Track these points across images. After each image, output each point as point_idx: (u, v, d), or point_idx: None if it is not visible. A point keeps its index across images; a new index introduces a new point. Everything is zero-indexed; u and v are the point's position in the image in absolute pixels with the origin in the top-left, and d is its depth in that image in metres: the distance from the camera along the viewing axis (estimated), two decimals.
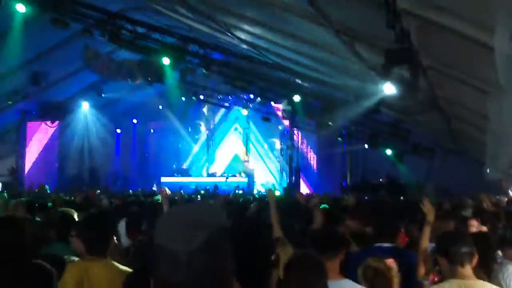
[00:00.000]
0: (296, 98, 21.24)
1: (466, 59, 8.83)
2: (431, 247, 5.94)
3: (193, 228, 1.68)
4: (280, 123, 31.82)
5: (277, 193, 24.06)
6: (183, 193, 16.86)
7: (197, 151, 35.00)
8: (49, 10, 15.79)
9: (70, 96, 28.87)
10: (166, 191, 7.22)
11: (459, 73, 9.65)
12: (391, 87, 8.28)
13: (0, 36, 19.85)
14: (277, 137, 33.52)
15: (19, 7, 15.81)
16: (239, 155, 34.24)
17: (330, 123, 24.32)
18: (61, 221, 5.91)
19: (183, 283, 1.66)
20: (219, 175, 32.86)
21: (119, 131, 33.21)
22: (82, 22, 16.80)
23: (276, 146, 33.78)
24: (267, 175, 33.59)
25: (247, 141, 33.84)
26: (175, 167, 33.63)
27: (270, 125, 30.79)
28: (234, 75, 19.07)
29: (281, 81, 20.03)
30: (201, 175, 33.40)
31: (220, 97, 28.85)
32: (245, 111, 29.30)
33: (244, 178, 32.11)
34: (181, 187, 29.40)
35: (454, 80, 10.19)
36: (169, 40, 17.84)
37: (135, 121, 33.09)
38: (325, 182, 28.25)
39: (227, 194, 20.38)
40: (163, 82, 22.03)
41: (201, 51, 17.96)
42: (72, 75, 25.37)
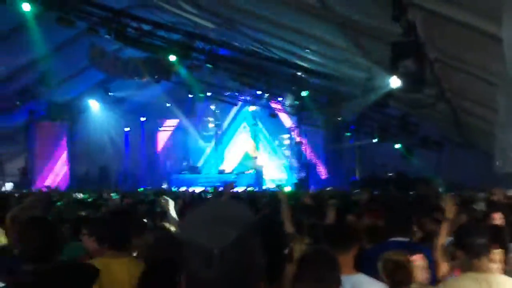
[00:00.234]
0: (303, 93, 21.18)
1: (474, 51, 8.74)
2: (448, 242, 5.90)
3: (225, 224, 1.69)
4: (288, 119, 31.76)
5: (288, 188, 24.02)
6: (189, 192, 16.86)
7: (210, 149, 34.94)
8: (54, 8, 15.78)
9: (77, 95, 28.95)
10: (167, 202, 6.43)
11: (467, 66, 9.57)
12: (397, 81, 8.19)
13: (7, 36, 19.93)
14: (286, 133, 33.44)
15: (24, 6, 15.84)
16: (249, 152, 34.18)
17: (338, 118, 24.24)
18: (76, 220, 5.95)
19: (215, 278, 1.67)
20: (228, 173, 32.83)
21: (127, 129, 33.21)
22: (87, 20, 16.80)
23: (284, 142, 33.71)
24: (277, 171, 33.51)
25: (256, 138, 33.78)
26: (186, 165, 33.58)
27: (278, 121, 30.68)
28: (240, 71, 19.02)
29: (287, 77, 19.96)
30: (211, 173, 33.32)
31: (227, 94, 28.81)
32: (252, 107, 29.23)
33: (252, 173, 32.15)
34: (191, 185, 29.52)
35: (462, 72, 10.11)
36: (175, 37, 17.81)
37: (143, 119, 33.04)
38: (334, 177, 28.12)
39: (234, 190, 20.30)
40: (170, 79, 22.02)
41: (207, 48, 17.92)
42: (78, 74, 25.43)
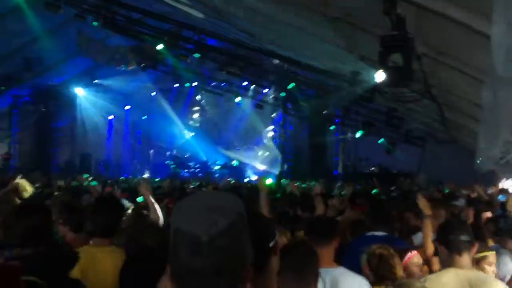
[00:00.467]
0: (289, 85, 21.20)
1: (461, 47, 8.82)
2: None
3: (215, 213, 1.68)
4: (273, 111, 31.77)
5: (269, 181, 24.06)
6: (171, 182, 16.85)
7: (192, 138, 34.82)
8: None
9: (62, 81, 28.74)
10: (145, 185, 6.27)
11: (454, 61, 9.65)
12: (383, 75, 8.24)
13: None
14: (270, 125, 33.47)
15: None
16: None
17: (323, 111, 24.31)
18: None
19: (202, 268, 1.65)
20: (211, 163, 32.86)
21: (111, 117, 33.09)
22: (76, 6, 16.67)
23: (268, 134, 33.73)
24: (260, 163, 33.53)
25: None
26: (169, 154, 33.52)
27: (263, 113, 30.69)
28: (227, 62, 18.99)
29: (275, 68, 19.99)
30: (195, 163, 33.26)
31: (213, 84, 28.76)
32: (238, 98, 29.20)
33: (235, 165, 32.21)
34: (174, 174, 29.51)
35: (448, 68, 10.19)
36: (163, 25, 17.74)
37: (127, 107, 32.91)
38: (318, 170, 28.24)
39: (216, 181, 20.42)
40: (157, 68, 21.95)
41: (195, 37, 17.88)
42: (65, 60, 25.24)
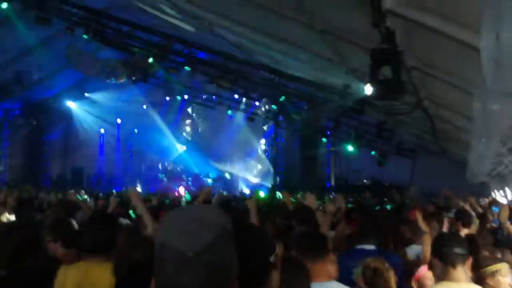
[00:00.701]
0: (281, 98, 21.22)
1: (451, 60, 8.82)
2: (419, 250, 5.93)
3: (200, 228, 1.66)
4: (264, 123, 31.80)
5: (262, 194, 24.04)
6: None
7: (183, 152, 34.77)
8: (32, 7, 15.62)
9: (53, 95, 28.69)
10: (136, 193, 6.30)
11: (444, 74, 9.65)
12: (372, 88, 8.22)
13: None
14: (262, 138, 33.48)
15: (1, 3, 15.67)
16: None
17: (314, 124, 24.33)
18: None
19: (187, 283, 1.63)
20: (203, 176, 32.78)
21: (103, 130, 33.01)
22: (65, 20, 16.65)
23: (260, 147, 33.73)
24: (252, 176, 33.50)
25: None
26: (161, 167, 33.47)
27: (255, 125, 30.69)
28: (218, 75, 19.00)
29: (266, 81, 19.99)
30: (187, 176, 33.19)
31: (204, 97, 28.75)
32: (229, 111, 29.20)
33: (228, 178, 32.16)
34: (167, 188, 29.40)
35: (439, 81, 10.20)
36: (154, 39, 17.74)
37: (119, 120, 32.84)
38: (310, 182, 28.19)
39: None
40: (147, 81, 21.93)
41: (185, 50, 17.88)
42: (55, 74, 25.21)
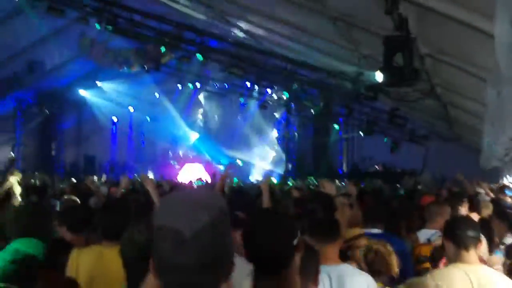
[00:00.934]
0: (293, 86, 21.19)
1: (464, 46, 8.82)
2: (432, 234, 5.97)
3: (197, 209, 1.69)
4: (277, 111, 31.77)
5: (274, 180, 24.09)
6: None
7: (196, 139, 34.80)
8: None
9: (66, 84, 28.78)
10: (149, 179, 6.69)
11: (457, 61, 9.64)
12: (383, 75, 8.23)
13: None
14: (274, 125, 33.46)
15: None
16: None
17: (326, 111, 24.30)
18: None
19: (186, 264, 1.66)
20: (216, 163, 32.82)
21: (115, 119, 33.10)
22: (78, 9, 16.70)
23: (273, 134, 33.73)
24: (265, 163, 33.51)
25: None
26: (173, 155, 33.54)
27: (267, 113, 30.68)
28: (230, 63, 18.99)
29: (278, 69, 19.97)
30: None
31: (217, 85, 28.75)
32: (241, 99, 29.19)
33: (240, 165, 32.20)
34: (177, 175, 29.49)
35: (452, 67, 10.18)
36: (166, 27, 17.75)
37: (131, 109, 32.88)
38: (322, 169, 28.22)
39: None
40: (160, 70, 21.95)
41: (197, 39, 17.88)
42: (68, 63, 25.30)
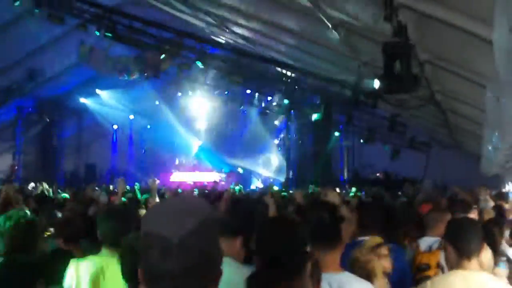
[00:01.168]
0: (293, 92, 21.19)
1: (463, 53, 8.80)
2: (433, 241, 5.91)
3: (184, 215, 1.68)
4: (277, 118, 31.75)
5: (275, 188, 24.03)
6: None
7: (196, 147, 34.79)
8: (44, 5, 15.70)
9: (66, 92, 28.83)
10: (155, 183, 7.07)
11: (456, 67, 9.63)
12: (380, 82, 8.22)
13: None
14: (275, 133, 33.45)
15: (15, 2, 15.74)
16: None
17: (327, 118, 24.27)
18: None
19: (173, 270, 1.64)
20: (217, 171, 32.82)
21: (115, 127, 33.13)
22: (78, 17, 16.73)
23: (273, 141, 33.72)
24: (265, 170, 33.50)
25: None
26: (174, 163, 33.52)
27: (267, 120, 30.67)
28: (230, 70, 19.01)
29: (278, 76, 19.99)
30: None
31: (217, 92, 28.75)
32: (242, 106, 29.16)
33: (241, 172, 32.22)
34: (180, 184, 29.44)
35: (451, 74, 10.17)
36: (165, 35, 17.77)
37: (131, 116, 32.91)
38: (323, 177, 28.12)
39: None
40: (159, 77, 21.97)
41: (197, 46, 17.91)
42: (68, 71, 25.33)
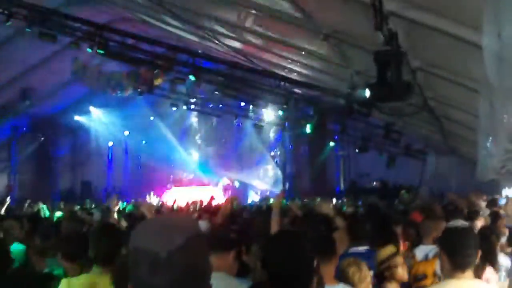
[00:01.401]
0: (287, 104, 21.19)
1: (455, 59, 8.83)
2: (429, 250, 5.90)
3: (172, 231, 1.72)
4: (272, 130, 31.75)
5: (272, 200, 24.00)
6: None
7: (192, 161, 34.73)
8: (36, 24, 15.70)
9: (60, 110, 28.81)
10: (147, 206, 6.99)
11: (448, 73, 9.66)
12: (370, 91, 8.23)
13: None
14: (270, 144, 33.43)
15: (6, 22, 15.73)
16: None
17: (322, 128, 24.28)
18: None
19: (161, 285, 1.67)
20: (214, 185, 32.75)
21: (111, 143, 33.07)
22: (69, 35, 16.73)
23: (269, 153, 33.69)
24: (262, 183, 33.43)
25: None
26: (171, 178, 33.44)
27: (262, 132, 30.66)
28: (224, 83, 19.03)
29: (271, 88, 20.00)
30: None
31: (211, 106, 28.72)
32: (236, 119, 29.16)
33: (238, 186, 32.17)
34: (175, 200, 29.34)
35: (443, 80, 10.19)
36: (158, 50, 17.80)
37: (126, 133, 32.86)
38: (319, 188, 28.14)
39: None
40: (153, 92, 21.99)
41: (190, 60, 17.93)
42: (61, 89, 25.33)
